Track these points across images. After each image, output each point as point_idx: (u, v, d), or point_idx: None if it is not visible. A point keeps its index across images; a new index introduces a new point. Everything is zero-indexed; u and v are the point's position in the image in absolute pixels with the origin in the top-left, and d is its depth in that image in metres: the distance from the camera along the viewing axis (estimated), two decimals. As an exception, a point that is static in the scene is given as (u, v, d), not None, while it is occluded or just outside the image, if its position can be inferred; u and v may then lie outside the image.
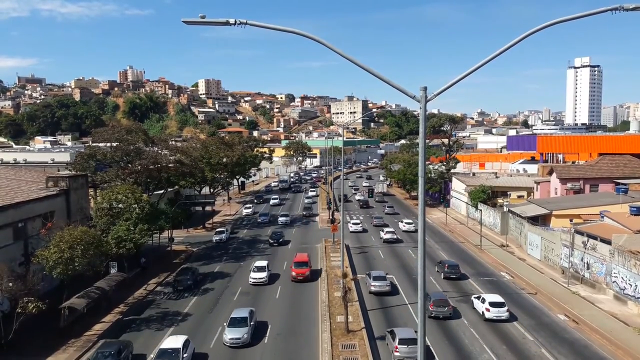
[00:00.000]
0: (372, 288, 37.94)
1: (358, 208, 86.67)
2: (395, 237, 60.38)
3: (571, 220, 50.36)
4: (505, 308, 34.83)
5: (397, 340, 27.94)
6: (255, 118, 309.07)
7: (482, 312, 35.01)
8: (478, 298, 36.71)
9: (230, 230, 66.61)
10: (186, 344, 28.30)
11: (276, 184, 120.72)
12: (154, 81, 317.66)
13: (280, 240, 59.47)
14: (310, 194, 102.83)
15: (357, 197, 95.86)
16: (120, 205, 43.31)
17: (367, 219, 74.25)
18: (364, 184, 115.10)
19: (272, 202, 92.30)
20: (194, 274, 44.45)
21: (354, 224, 66.36)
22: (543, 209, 55.43)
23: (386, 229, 62.00)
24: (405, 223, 67.16)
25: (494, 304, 34.81)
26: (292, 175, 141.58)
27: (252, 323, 31.77)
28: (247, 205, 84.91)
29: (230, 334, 30.39)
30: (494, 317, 34.21)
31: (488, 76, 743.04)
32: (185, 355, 27.42)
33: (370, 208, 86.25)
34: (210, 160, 76.30)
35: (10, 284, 28.96)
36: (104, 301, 37.38)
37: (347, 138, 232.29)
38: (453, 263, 46.41)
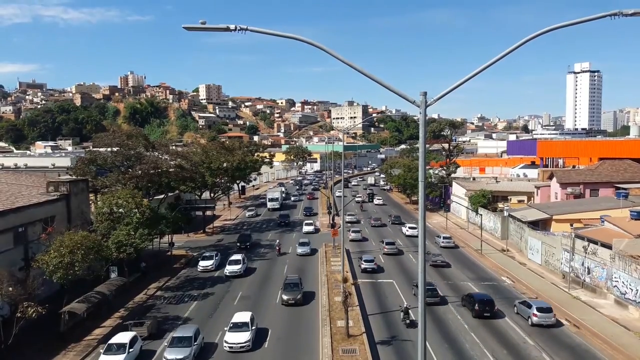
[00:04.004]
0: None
1: (345, 187, 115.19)
2: (363, 199, 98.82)
3: (571, 225, 50.35)
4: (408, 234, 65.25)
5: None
6: (255, 123, 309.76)
7: (405, 232, 66.52)
8: (404, 225, 69.62)
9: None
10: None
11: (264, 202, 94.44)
12: (154, 86, 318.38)
13: None
14: (306, 228, 68.01)
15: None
16: (120, 210, 43.30)
17: (350, 193, 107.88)
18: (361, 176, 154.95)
19: (227, 270, 47.23)
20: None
21: (338, 191, 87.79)
22: (543, 213, 55.43)
23: (357, 195, 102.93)
24: (377, 199, 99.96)
25: (411, 229, 64.38)
26: (284, 190, 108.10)
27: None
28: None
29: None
30: (408, 234, 64.41)
31: (488, 81, 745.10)
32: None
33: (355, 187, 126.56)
34: (210, 165, 76.41)
35: (11, 289, 28.94)
36: (104, 306, 37.37)
37: (347, 143, 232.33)
38: (396, 214, 77.18)
